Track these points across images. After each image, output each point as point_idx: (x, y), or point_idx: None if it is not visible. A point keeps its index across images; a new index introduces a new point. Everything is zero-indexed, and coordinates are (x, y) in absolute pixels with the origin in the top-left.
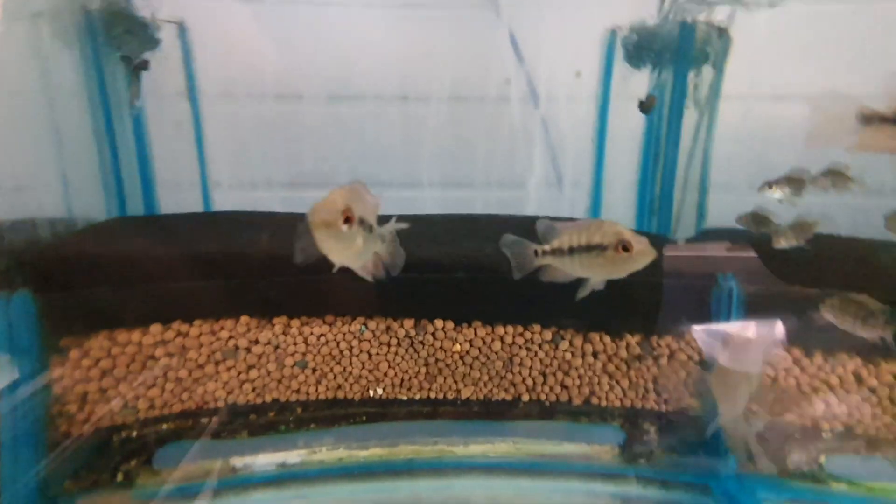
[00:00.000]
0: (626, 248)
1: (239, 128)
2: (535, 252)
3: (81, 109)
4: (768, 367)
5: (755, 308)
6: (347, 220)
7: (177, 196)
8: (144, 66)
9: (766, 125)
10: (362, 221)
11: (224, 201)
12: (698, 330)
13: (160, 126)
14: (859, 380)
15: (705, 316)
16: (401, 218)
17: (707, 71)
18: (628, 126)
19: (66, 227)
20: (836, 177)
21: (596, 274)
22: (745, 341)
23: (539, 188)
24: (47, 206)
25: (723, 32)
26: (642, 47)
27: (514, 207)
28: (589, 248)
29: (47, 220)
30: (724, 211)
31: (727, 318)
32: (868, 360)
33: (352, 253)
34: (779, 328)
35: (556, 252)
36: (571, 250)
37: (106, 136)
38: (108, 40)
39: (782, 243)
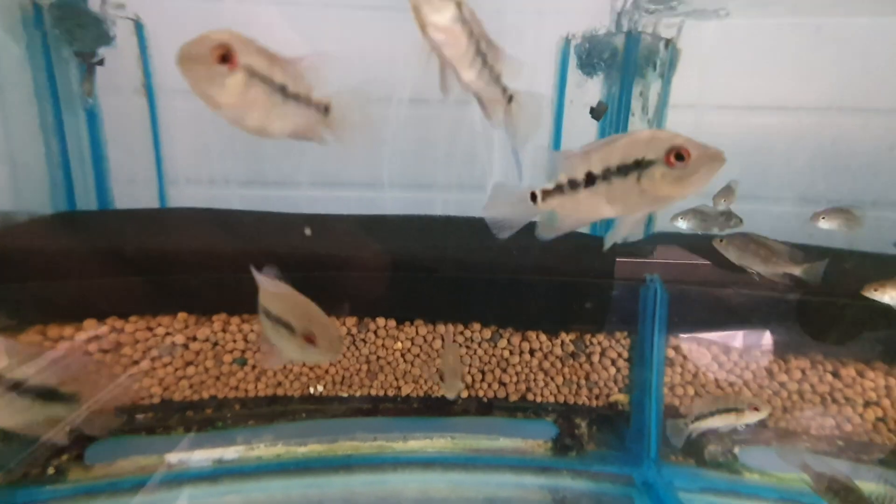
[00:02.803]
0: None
1: (197, 124)
2: (534, 196)
3: (29, 104)
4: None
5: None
6: (225, 59)
7: (132, 191)
8: (99, 62)
9: (716, 134)
10: (260, 74)
11: (181, 197)
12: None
13: (116, 122)
14: (771, 375)
15: (634, 313)
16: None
17: (654, 80)
18: (582, 133)
19: (4, 221)
20: None
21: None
22: None
23: None
24: None
25: (669, 43)
26: (593, 55)
27: (474, 210)
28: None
29: None
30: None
31: (653, 314)
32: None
33: (250, 112)
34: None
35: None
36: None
37: (55, 132)
38: (60, 34)
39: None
